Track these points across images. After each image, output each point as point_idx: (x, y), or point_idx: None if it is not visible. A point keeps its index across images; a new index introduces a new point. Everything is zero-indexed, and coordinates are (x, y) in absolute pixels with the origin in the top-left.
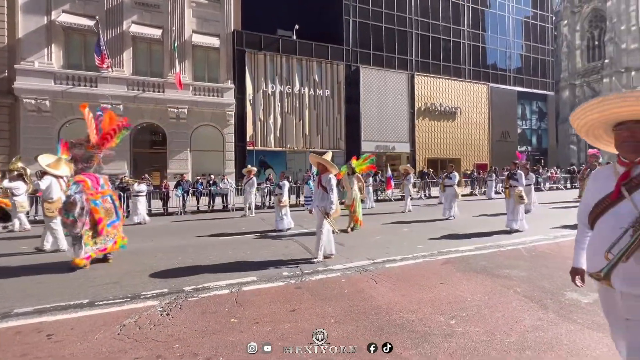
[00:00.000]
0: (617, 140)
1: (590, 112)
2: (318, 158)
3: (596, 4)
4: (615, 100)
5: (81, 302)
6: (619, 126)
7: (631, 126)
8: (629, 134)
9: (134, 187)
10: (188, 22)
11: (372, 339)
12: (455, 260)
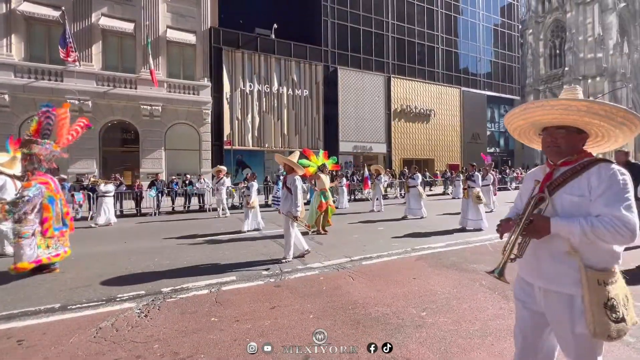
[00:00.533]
0: (542, 144)
1: (516, 119)
2: (284, 158)
3: (557, 15)
4: (535, 108)
5: (52, 306)
6: (544, 131)
7: (553, 132)
8: (550, 140)
9: (100, 188)
10: (162, 17)
11: (349, 332)
12: (427, 256)
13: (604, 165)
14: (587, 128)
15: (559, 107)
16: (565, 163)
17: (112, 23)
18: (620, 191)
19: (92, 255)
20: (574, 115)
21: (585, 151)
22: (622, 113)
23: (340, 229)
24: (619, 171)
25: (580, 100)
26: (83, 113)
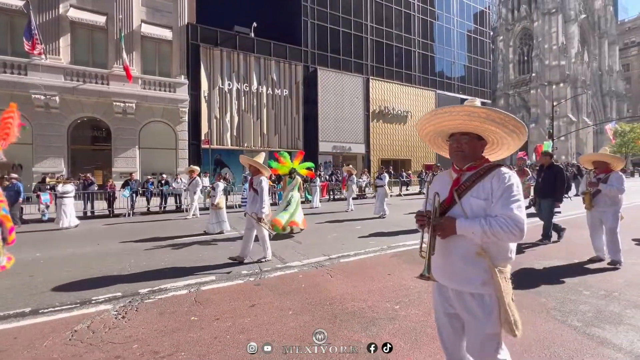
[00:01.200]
0: (449, 150)
1: (427, 124)
2: (249, 160)
3: (525, 23)
4: (444, 114)
5: (22, 310)
6: (450, 138)
7: (459, 138)
8: (457, 146)
9: (58, 188)
10: (137, 11)
11: (327, 326)
12: (401, 253)
13: (502, 170)
14: (486, 135)
15: (463, 114)
16: (470, 168)
17: (82, 15)
18: (513, 194)
19: (62, 258)
20: (475, 121)
21: (484, 157)
22: (513, 122)
23: (319, 228)
24: (511, 176)
25: (481, 107)
26: (50, 109)
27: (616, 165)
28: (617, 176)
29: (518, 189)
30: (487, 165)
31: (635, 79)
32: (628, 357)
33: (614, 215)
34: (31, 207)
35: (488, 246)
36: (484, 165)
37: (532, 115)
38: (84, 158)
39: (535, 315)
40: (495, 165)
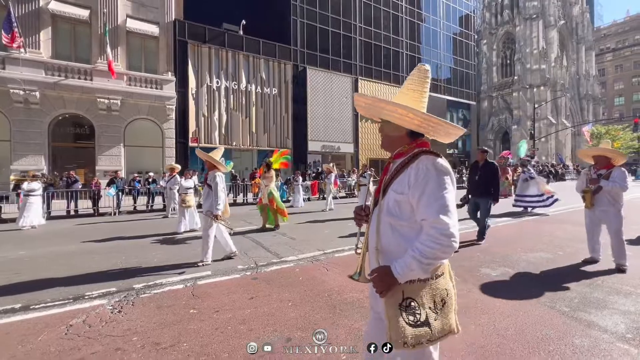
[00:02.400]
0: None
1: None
2: (204, 154)
3: (508, 28)
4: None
5: (12, 307)
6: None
7: (383, 125)
8: (383, 133)
9: (23, 186)
10: (122, 5)
11: (327, 316)
12: None
13: (424, 158)
14: (396, 122)
15: (358, 105)
16: (397, 155)
17: (64, 8)
18: (436, 190)
19: (48, 256)
20: (363, 111)
21: (419, 141)
22: (401, 110)
23: (312, 225)
24: (435, 166)
25: (366, 98)
26: (29, 105)
27: (618, 160)
28: (619, 172)
29: (444, 183)
30: (416, 151)
31: (610, 84)
32: (613, 337)
33: (616, 215)
34: (10, 207)
35: (387, 241)
36: (414, 150)
37: (515, 117)
38: (65, 156)
39: (526, 302)
40: (422, 152)
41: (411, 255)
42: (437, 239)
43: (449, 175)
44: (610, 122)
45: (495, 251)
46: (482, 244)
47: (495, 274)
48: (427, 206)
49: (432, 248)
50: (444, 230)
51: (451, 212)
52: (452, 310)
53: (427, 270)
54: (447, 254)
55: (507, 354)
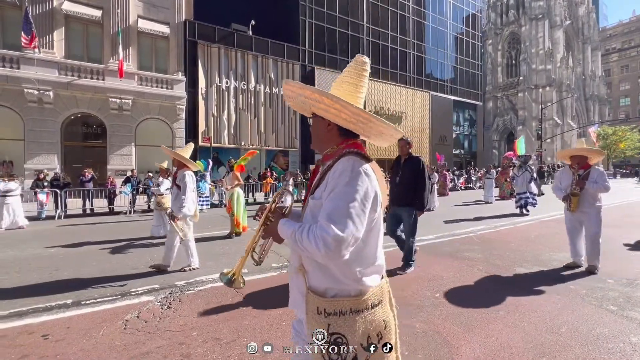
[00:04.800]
0: None
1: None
2: (171, 152)
3: (514, 28)
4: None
5: (65, 302)
6: None
7: (314, 122)
8: (313, 131)
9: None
10: (133, 6)
11: None
12: (423, 247)
13: (345, 159)
14: (322, 114)
15: (285, 90)
16: (326, 157)
17: (77, 8)
18: (341, 193)
19: (81, 253)
20: (291, 101)
21: (349, 141)
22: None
23: None
24: (353, 168)
25: (292, 84)
26: (43, 104)
27: (594, 158)
28: (599, 172)
29: (353, 188)
30: (344, 152)
31: (615, 84)
32: None
33: (597, 216)
34: (29, 205)
35: (307, 261)
36: (342, 152)
37: (520, 117)
38: (77, 155)
39: (571, 301)
40: (349, 152)
41: (295, 228)
42: (317, 240)
43: (364, 183)
44: (615, 122)
45: (524, 250)
46: (408, 272)
47: (531, 273)
48: (325, 206)
49: (309, 239)
50: (325, 237)
51: (342, 222)
52: (393, 347)
53: (296, 249)
54: (319, 259)
55: (567, 351)
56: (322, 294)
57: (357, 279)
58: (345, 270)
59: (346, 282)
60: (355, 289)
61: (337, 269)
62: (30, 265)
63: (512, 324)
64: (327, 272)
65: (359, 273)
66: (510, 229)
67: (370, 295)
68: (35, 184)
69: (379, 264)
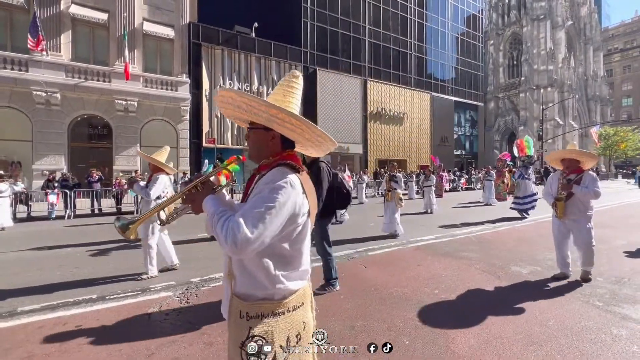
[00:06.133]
0: None
1: (225, 111)
2: (146, 157)
3: (515, 28)
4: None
5: (90, 297)
6: None
7: (249, 132)
8: (249, 140)
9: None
10: (138, 9)
11: (380, 307)
12: (423, 247)
13: (276, 170)
14: (266, 124)
15: (221, 100)
16: (262, 167)
17: (83, 12)
18: (263, 198)
19: (97, 252)
20: (230, 109)
21: (285, 153)
22: (264, 107)
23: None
24: (281, 177)
25: (229, 91)
26: (51, 106)
27: (587, 162)
28: (591, 177)
29: (275, 195)
30: (278, 163)
31: (617, 84)
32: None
33: (588, 224)
34: (40, 205)
35: (235, 264)
36: (278, 162)
37: (521, 118)
38: (83, 155)
39: (560, 297)
40: (283, 163)
41: (219, 214)
42: (228, 232)
43: (286, 195)
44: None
45: (520, 250)
46: (331, 290)
47: (526, 272)
48: (246, 204)
49: (222, 231)
50: (235, 234)
51: (254, 225)
52: (311, 346)
53: (210, 227)
54: (224, 249)
55: (553, 341)
56: (246, 298)
57: (282, 283)
58: (270, 275)
59: (270, 288)
60: (279, 294)
61: (262, 274)
62: (51, 264)
63: (504, 317)
64: (252, 277)
65: (283, 277)
66: (508, 230)
67: (293, 299)
68: (46, 185)
69: (303, 270)
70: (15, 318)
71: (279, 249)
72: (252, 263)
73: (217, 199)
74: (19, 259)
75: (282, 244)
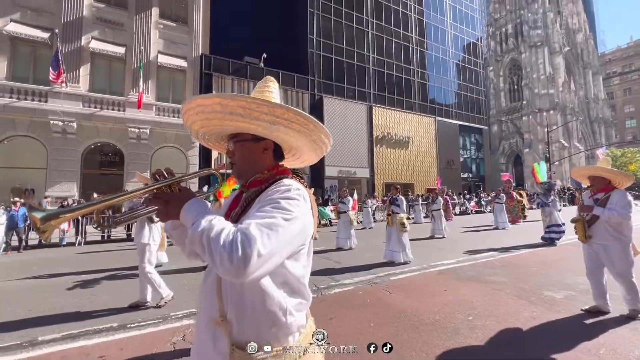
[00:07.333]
0: None
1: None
2: (144, 178)
3: (513, 55)
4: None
5: (111, 325)
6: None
7: (236, 147)
8: (235, 157)
9: None
10: (154, 43)
11: (414, 335)
12: (446, 271)
13: (286, 180)
14: (259, 132)
15: (197, 111)
16: (253, 183)
17: (102, 46)
18: (278, 208)
19: (113, 279)
20: (215, 119)
21: (280, 166)
22: (265, 108)
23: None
24: (290, 187)
25: (212, 96)
26: (67, 134)
27: (619, 182)
28: (620, 196)
29: (287, 204)
30: (278, 177)
31: (619, 107)
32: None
33: (623, 252)
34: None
35: (233, 308)
36: (275, 177)
37: (526, 140)
38: (95, 182)
39: (607, 323)
40: (285, 177)
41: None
42: (233, 246)
43: (303, 209)
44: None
45: (548, 274)
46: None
47: (560, 297)
48: (256, 213)
49: (219, 243)
50: (245, 248)
51: (270, 237)
52: None
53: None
54: (219, 269)
55: None
56: (246, 347)
57: (293, 317)
58: (282, 309)
59: (284, 327)
60: (290, 332)
61: (273, 308)
62: (67, 291)
63: (548, 345)
64: (257, 316)
65: (294, 311)
66: (529, 253)
67: (302, 338)
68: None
69: (309, 301)
70: (37, 348)
71: (284, 274)
72: (257, 294)
73: (204, 204)
74: (35, 286)
75: (288, 267)
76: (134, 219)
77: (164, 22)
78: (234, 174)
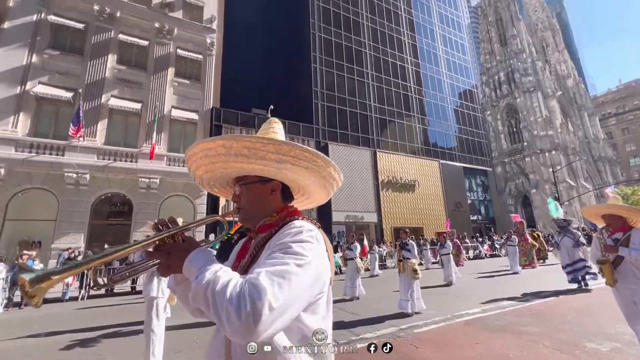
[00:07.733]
0: None
1: (195, 169)
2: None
3: (509, 100)
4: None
5: None
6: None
7: (242, 191)
8: (232, 197)
9: None
10: (168, 99)
11: None
12: (473, 321)
13: (298, 222)
14: (265, 173)
15: (201, 155)
16: (262, 228)
17: (120, 103)
18: (290, 253)
19: (120, 336)
20: (220, 162)
21: (290, 207)
22: (271, 146)
23: (365, 298)
24: (302, 229)
25: (215, 139)
26: (79, 186)
27: (636, 220)
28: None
29: (300, 248)
30: (288, 219)
31: (620, 145)
32: None
33: None
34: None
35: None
36: (284, 219)
37: (532, 181)
38: (100, 233)
39: None
40: (295, 218)
41: (214, 270)
42: (242, 299)
43: (318, 253)
44: (631, 183)
45: (584, 322)
46: None
47: (606, 349)
48: (260, 265)
49: (225, 298)
50: (255, 299)
51: (282, 288)
52: None
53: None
54: (226, 328)
55: None
56: None
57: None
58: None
59: None
60: None
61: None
62: (72, 351)
63: None
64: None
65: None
66: (558, 300)
67: None
68: (65, 264)
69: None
70: None
71: (301, 329)
72: (271, 355)
73: (210, 253)
74: (37, 345)
75: (305, 321)
76: (133, 275)
77: (179, 80)
78: (241, 219)
